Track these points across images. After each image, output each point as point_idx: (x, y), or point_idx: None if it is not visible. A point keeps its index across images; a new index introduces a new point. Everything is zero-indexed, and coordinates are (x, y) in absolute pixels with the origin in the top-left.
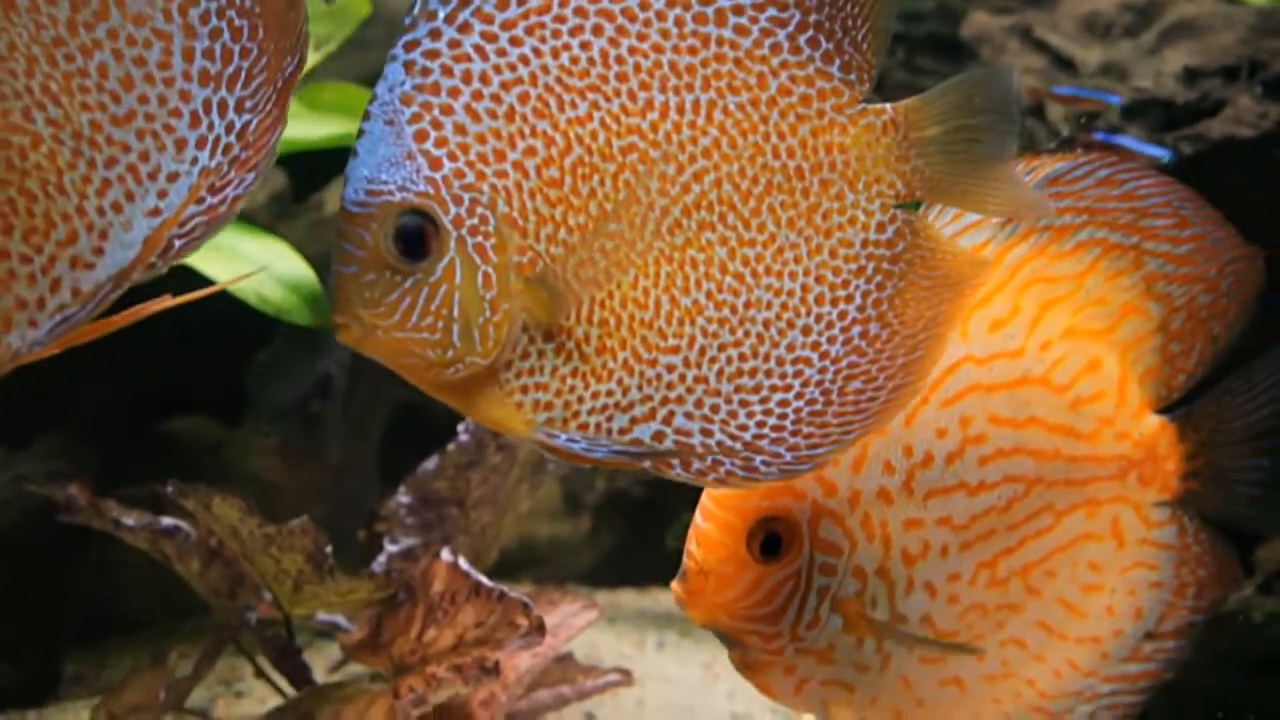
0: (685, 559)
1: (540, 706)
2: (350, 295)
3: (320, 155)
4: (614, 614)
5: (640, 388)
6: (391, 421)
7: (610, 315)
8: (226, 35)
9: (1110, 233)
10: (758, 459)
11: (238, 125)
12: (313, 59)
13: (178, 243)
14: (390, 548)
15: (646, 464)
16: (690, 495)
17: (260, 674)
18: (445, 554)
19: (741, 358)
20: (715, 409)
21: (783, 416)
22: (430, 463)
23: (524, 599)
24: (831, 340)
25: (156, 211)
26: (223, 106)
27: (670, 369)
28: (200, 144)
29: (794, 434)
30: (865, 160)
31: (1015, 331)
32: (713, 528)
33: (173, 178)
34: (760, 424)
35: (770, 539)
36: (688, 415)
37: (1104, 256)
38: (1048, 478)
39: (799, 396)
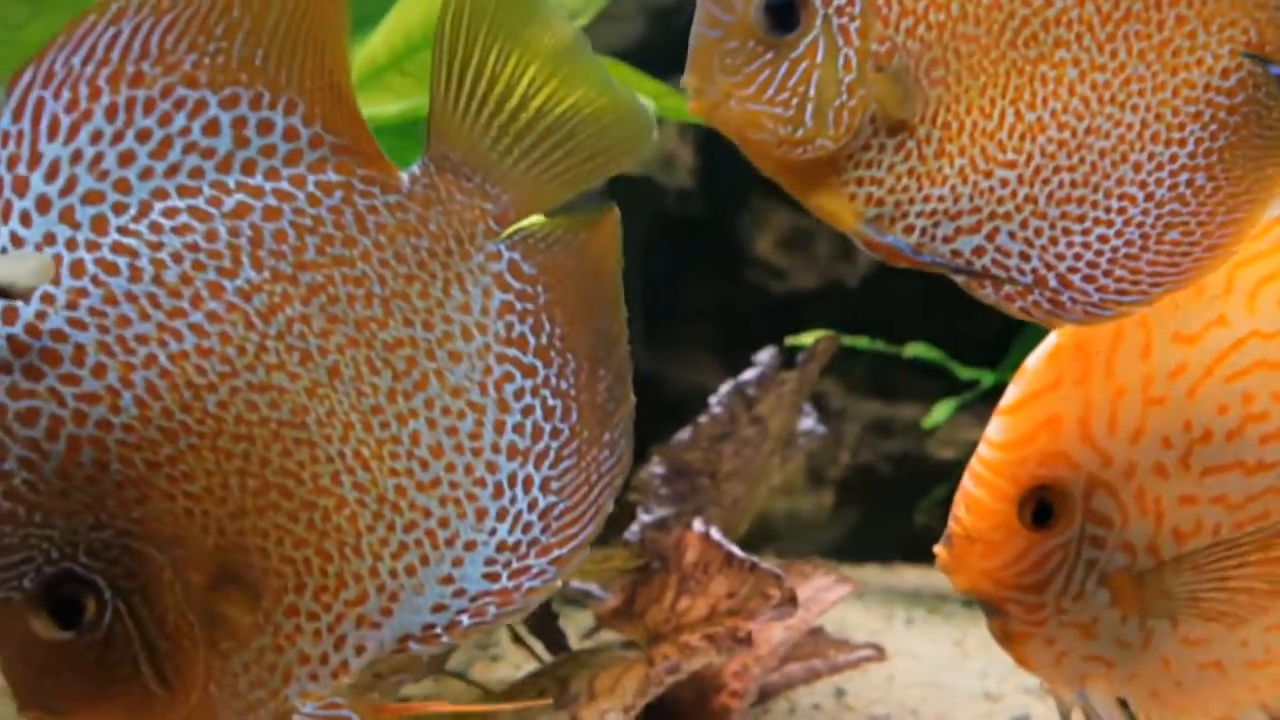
0: (951, 523)
1: (792, 679)
2: (709, 60)
3: None
4: (860, 590)
5: (971, 198)
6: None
7: (954, 120)
8: (538, 413)
9: None
10: (1066, 295)
11: (541, 504)
12: None
13: (465, 620)
14: (644, 517)
15: (960, 279)
16: (940, 471)
17: (517, 639)
18: (698, 524)
19: (1073, 184)
20: (1039, 233)
21: (1099, 253)
22: (683, 434)
23: (776, 571)
24: (1159, 183)
25: (449, 579)
26: (528, 482)
27: (1004, 184)
28: (501, 516)
29: (1106, 274)
30: (1223, 1)
31: None
32: (984, 493)
33: (470, 546)
34: (1077, 256)
35: (1041, 507)
36: (1011, 235)
37: None
38: None
39: (1118, 235)
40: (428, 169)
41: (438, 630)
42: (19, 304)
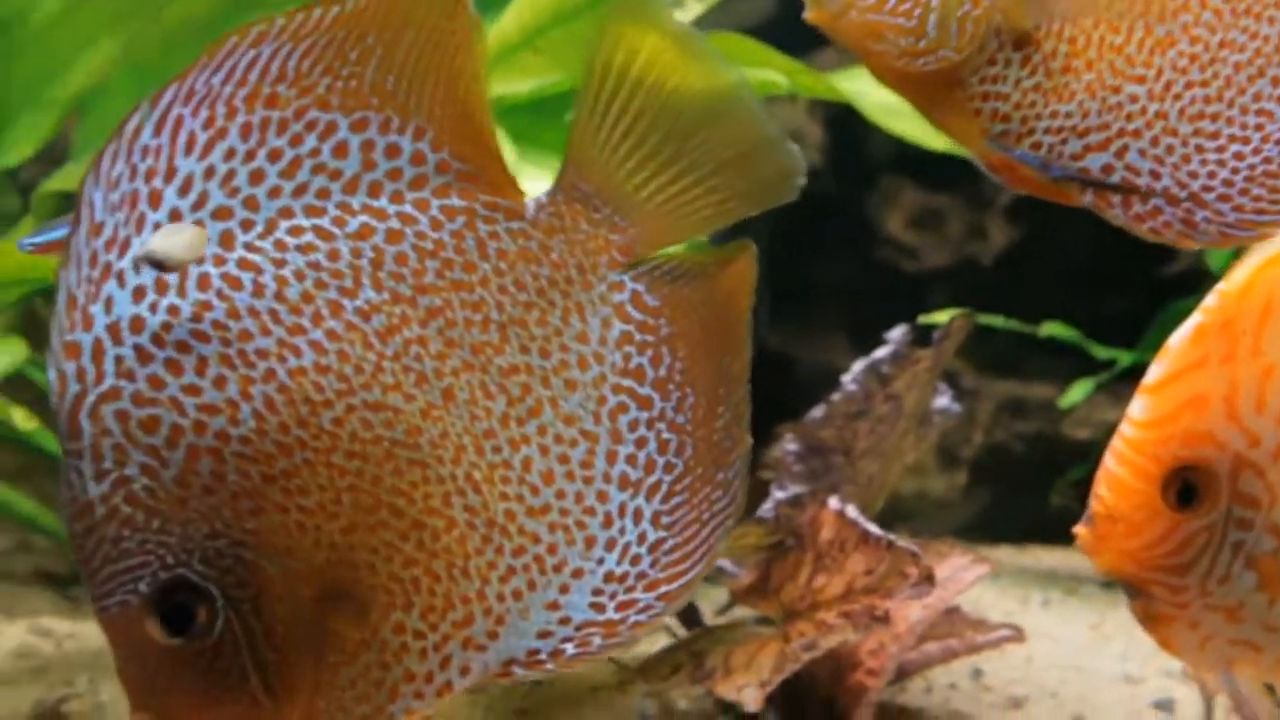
0: (1093, 503)
1: (929, 659)
2: None
3: None
4: (994, 571)
5: (1099, 114)
6: (753, 370)
7: (1081, 34)
8: (652, 445)
9: None
10: (1199, 214)
11: (650, 538)
12: (697, 9)
13: (569, 649)
14: (778, 494)
15: (1087, 199)
16: (1075, 452)
17: None
18: (833, 502)
19: (1206, 100)
20: (1170, 150)
21: (1235, 171)
22: (817, 411)
23: (914, 549)
24: None
25: (555, 605)
26: (638, 514)
27: (1133, 99)
28: (609, 545)
29: (1242, 193)
30: None
31: None
32: (1126, 472)
33: (577, 574)
34: (1211, 174)
35: (1186, 488)
36: (1141, 152)
37: None
38: None
39: (1255, 152)
40: (555, 198)
41: (542, 657)
42: (146, 314)
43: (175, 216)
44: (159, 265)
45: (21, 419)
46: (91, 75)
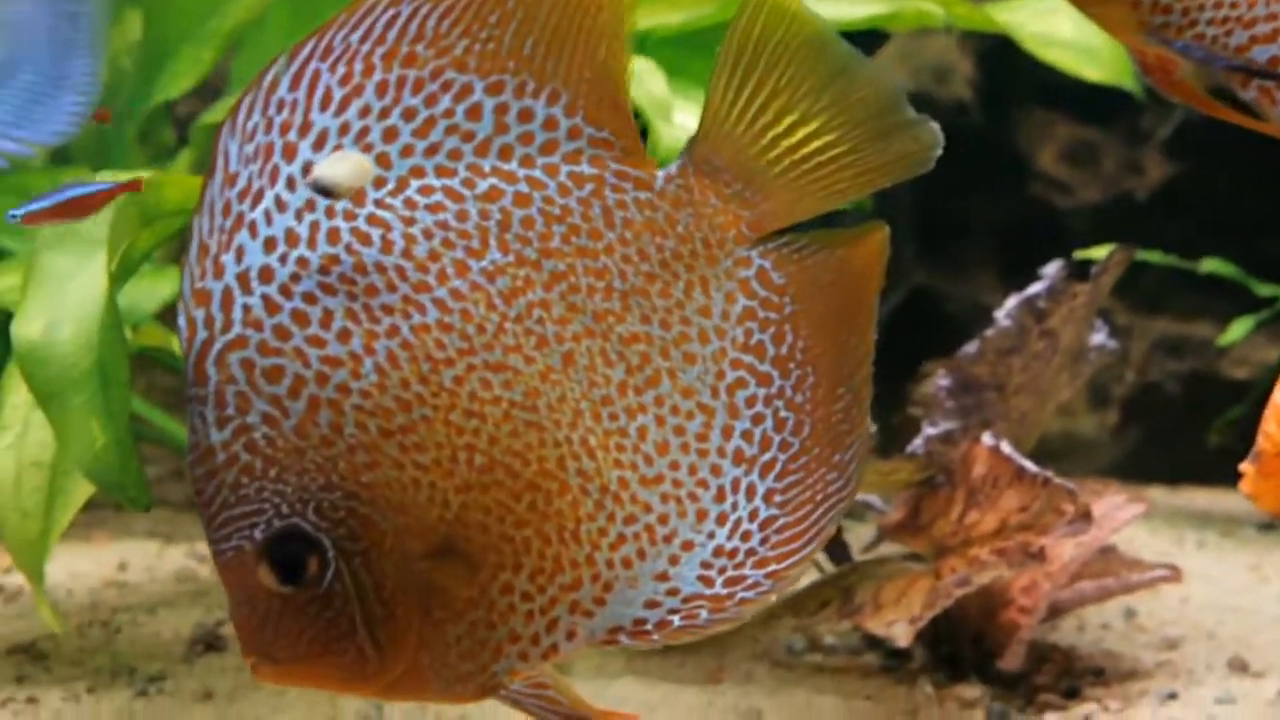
0: (1261, 440)
1: (1082, 597)
2: None
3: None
4: (1148, 512)
5: (1267, 3)
6: (901, 307)
7: None
8: (769, 422)
9: None
10: None
11: (762, 514)
12: None
13: (676, 620)
14: (929, 430)
15: (1250, 93)
16: (1234, 391)
17: None
18: (987, 438)
19: None
20: None
21: None
22: (970, 347)
23: (1070, 486)
24: None
25: (664, 576)
26: (750, 490)
27: None
28: (721, 520)
29: None
30: None
31: None
32: None
33: (687, 546)
34: None
35: None
36: None
37: None
38: None
39: None
40: (685, 170)
41: (649, 626)
42: (275, 265)
43: (309, 170)
44: (325, 192)
45: (180, 347)
46: (250, 9)
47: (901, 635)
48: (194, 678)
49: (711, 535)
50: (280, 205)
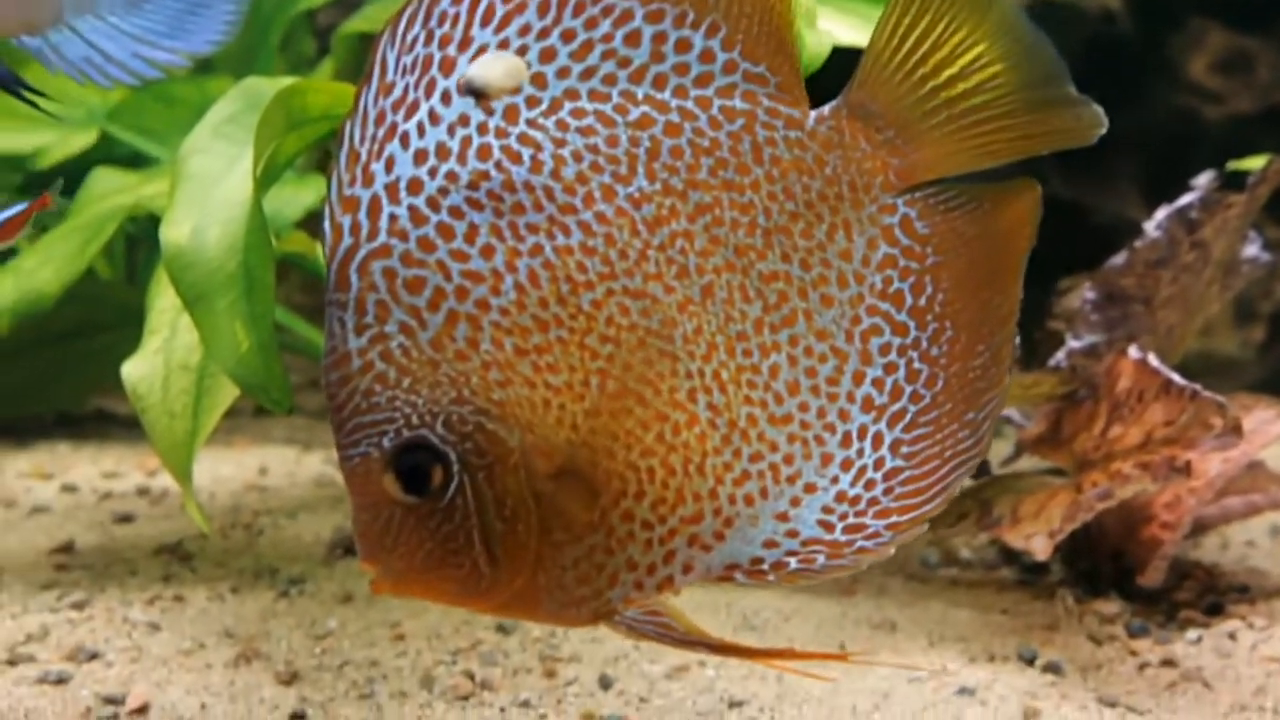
0: None
1: (1227, 513)
2: None
3: None
4: None
5: None
6: (1042, 220)
7: None
8: (901, 373)
9: None
10: None
11: (887, 464)
12: None
13: (792, 562)
14: (1072, 344)
15: None
16: None
17: None
18: (1133, 350)
19: None
20: None
21: None
22: (1118, 258)
23: (1219, 399)
24: None
25: (785, 516)
26: (877, 439)
27: None
28: (845, 465)
29: None
30: None
31: None
32: None
33: (810, 489)
34: None
35: None
36: None
37: None
38: None
39: None
40: (839, 112)
41: (765, 566)
42: (425, 177)
43: (464, 87)
44: (478, 94)
45: (324, 253)
46: None
47: (1040, 548)
48: (334, 580)
49: (835, 480)
50: (434, 118)
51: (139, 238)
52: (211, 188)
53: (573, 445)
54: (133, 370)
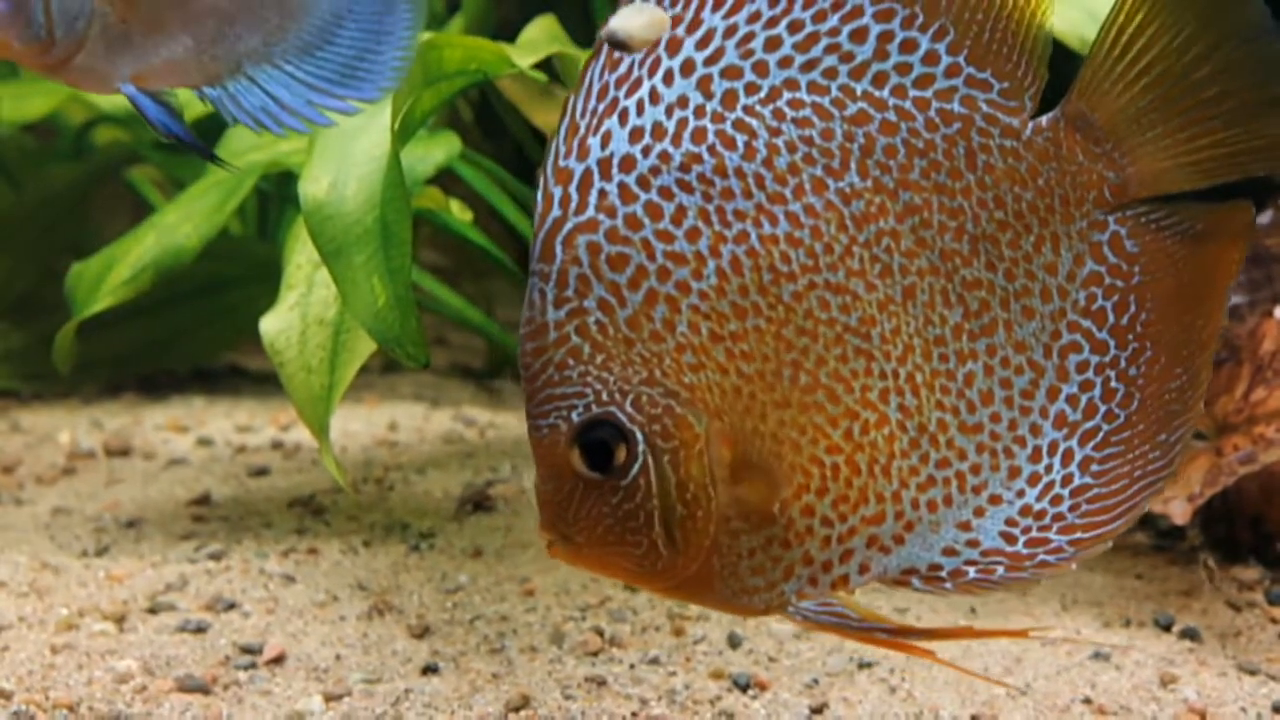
0: None
1: None
2: None
3: None
4: None
5: None
6: None
7: None
8: (1097, 390)
9: None
10: None
11: (1076, 481)
12: None
13: (971, 572)
14: None
15: None
16: None
17: None
18: (1278, 312)
19: None
20: None
21: None
22: (1264, 217)
23: None
24: None
25: (967, 525)
26: (1068, 456)
27: None
28: (1033, 480)
29: None
30: None
31: None
32: None
33: (995, 500)
34: None
35: None
36: None
37: None
38: None
39: None
40: (1056, 123)
41: (943, 574)
42: (638, 155)
43: (688, 67)
44: (620, 45)
45: (458, 209)
46: None
47: (1179, 513)
48: (464, 535)
49: (1021, 493)
50: (654, 97)
51: (270, 194)
52: (349, 142)
53: (760, 435)
54: (270, 325)
